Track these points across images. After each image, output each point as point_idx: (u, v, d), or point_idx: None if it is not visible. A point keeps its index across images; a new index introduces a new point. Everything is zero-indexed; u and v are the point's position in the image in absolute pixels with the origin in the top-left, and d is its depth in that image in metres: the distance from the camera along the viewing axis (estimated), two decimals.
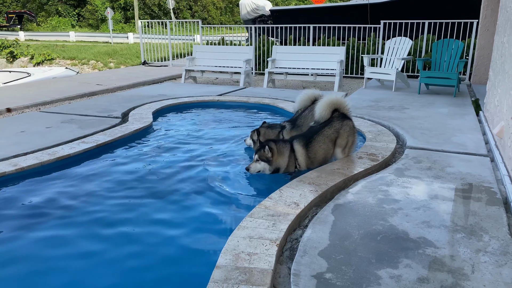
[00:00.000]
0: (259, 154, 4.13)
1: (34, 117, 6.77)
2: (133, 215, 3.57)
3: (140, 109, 7.19)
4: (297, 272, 2.47)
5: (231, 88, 9.52)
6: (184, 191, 4.05)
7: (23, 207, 3.74)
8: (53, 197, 3.93)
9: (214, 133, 6.10)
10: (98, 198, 3.91)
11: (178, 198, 3.93)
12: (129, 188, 4.14)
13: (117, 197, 3.94)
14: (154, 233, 3.28)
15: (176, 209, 3.73)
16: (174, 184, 4.24)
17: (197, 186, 4.17)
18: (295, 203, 3.39)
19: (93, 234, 3.29)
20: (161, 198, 3.92)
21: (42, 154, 4.74)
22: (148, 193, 4.02)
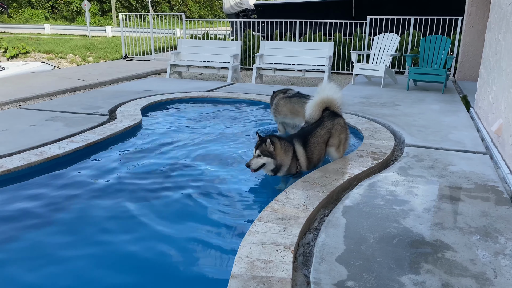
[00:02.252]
0: (260, 149, 3.84)
1: (15, 114, 6.44)
2: (130, 220, 3.39)
3: (128, 105, 6.94)
4: (317, 280, 2.36)
5: (219, 83, 9.34)
6: (181, 192, 3.89)
7: (12, 212, 3.51)
8: (43, 201, 3.71)
9: (207, 130, 5.93)
10: (92, 200, 3.71)
11: (175, 199, 3.77)
12: (123, 190, 3.95)
13: (112, 199, 3.75)
14: (153, 239, 3.12)
15: (174, 211, 3.57)
16: (170, 185, 4.07)
17: (195, 187, 4.02)
18: (303, 205, 3.28)
19: (88, 240, 3.10)
20: (157, 200, 3.75)
21: (29, 154, 4.48)
22: (144, 195, 3.84)
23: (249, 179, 4.22)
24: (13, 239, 3.11)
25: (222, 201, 3.73)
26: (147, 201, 3.72)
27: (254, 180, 4.21)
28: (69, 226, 3.31)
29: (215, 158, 4.81)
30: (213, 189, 3.97)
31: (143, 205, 3.63)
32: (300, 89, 6.76)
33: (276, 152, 3.85)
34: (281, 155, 3.89)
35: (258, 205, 3.67)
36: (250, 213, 3.51)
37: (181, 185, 4.04)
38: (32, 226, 3.31)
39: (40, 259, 2.87)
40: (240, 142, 5.42)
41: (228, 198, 3.78)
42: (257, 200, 3.80)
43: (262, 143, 3.85)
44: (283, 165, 3.93)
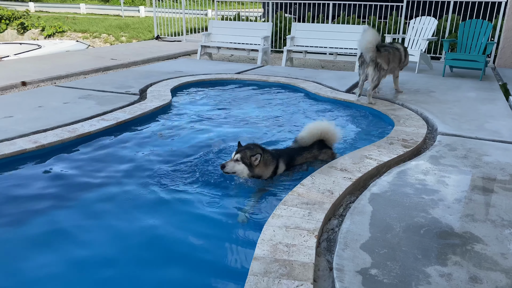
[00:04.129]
0: (241, 154, 3.57)
1: (50, 91, 6.63)
2: (155, 199, 3.44)
3: (158, 86, 7.01)
4: (340, 267, 2.34)
5: (248, 66, 9.28)
6: (206, 173, 3.91)
7: (45, 186, 3.64)
8: (74, 176, 3.82)
9: (234, 112, 5.93)
10: (121, 179, 3.79)
11: (202, 181, 3.79)
12: (151, 169, 4.00)
13: (139, 178, 3.81)
14: (177, 218, 3.16)
15: (201, 192, 3.59)
16: (196, 165, 4.10)
17: (215, 169, 4.01)
18: (329, 191, 3.24)
19: (113, 216, 3.18)
20: (182, 179, 3.78)
21: (62, 131, 4.61)
22: (171, 175, 3.88)
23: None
24: (45, 210, 3.22)
25: (246, 183, 3.72)
26: (173, 180, 3.76)
27: None
28: (98, 201, 3.40)
29: (242, 140, 4.79)
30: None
31: (169, 184, 3.67)
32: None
33: (257, 165, 3.59)
34: (261, 168, 3.64)
35: (282, 188, 3.65)
36: (274, 196, 3.50)
37: (207, 166, 4.06)
38: (64, 198, 3.42)
39: (72, 227, 2.98)
40: (266, 125, 5.39)
41: (252, 181, 3.77)
42: (281, 184, 3.77)
43: (246, 150, 3.60)
44: (261, 176, 3.69)
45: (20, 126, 4.72)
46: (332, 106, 6.24)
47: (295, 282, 2.21)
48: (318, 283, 2.33)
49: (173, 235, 2.94)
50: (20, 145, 4.16)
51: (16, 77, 7.52)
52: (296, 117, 5.79)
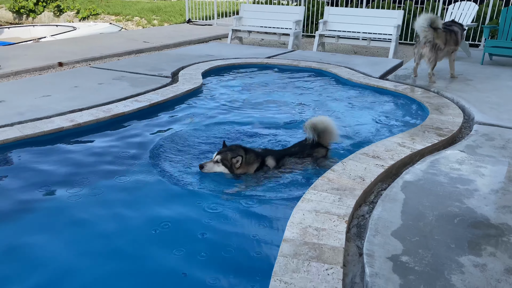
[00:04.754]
0: (222, 156, 3.47)
1: (85, 72, 6.79)
2: (189, 179, 3.50)
3: (189, 69, 7.06)
4: (370, 252, 2.32)
5: (279, 50, 9.20)
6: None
7: (80, 163, 3.75)
8: (108, 154, 3.92)
9: (264, 97, 5.92)
10: (151, 159, 3.84)
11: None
12: (183, 150, 4.07)
13: (172, 159, 3.87)
14: (207, 199, 3.20)
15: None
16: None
17: None
18: (360, 177, 3.21)
19: (152, 194, 3.26)
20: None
21: (97, 110, 4.73)
22: (200, 158, 3.92)
23: None
24: (84, 183, 3.34)
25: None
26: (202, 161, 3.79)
27: None
28: (130, 178, 3.48)
29: (271, 125, 4.80)
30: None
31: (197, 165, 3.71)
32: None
33: (239, 167, 3.48)
34: (243, 169, 3.52)
35: (312, 173, 3.64)
36: (303, 181, 3.50)
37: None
38: (100, 173, 3.54)
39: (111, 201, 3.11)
40: (297, 111, 5.37)
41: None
42: (311, 169, 3.75)
43: (227, 152, 3.49)
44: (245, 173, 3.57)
45: (57, 105, 4.87)
46: (364, 92, 6.13)
47: (324, 265, 2.22)
48: (347, 268, 2.33)
49: (203, 216, 2.98)
50: (58, 123, 4.30)
51: (53, 58, 7.73)
52: (326, 102, 5.73)
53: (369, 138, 4.43)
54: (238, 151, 3.51)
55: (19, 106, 4.81)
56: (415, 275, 2.15)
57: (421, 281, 2.11)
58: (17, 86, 5.89)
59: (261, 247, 2.66)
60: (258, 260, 2.54)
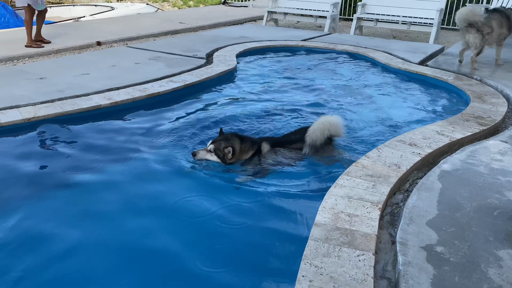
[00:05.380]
0: (215, 146, 3.33)
1: (122, 52, 6.91)
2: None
3: (224, 50, 7.05)
4: (403, 241, 2.28)
5: (315, 33, 9.03)
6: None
7: (115, 140, 3.84)
8: (143, 133, 4.00)
9: (299, 80, 5.84)
10: (186, 139, 3.89)
11: None
12: (216, 130, 4.08)
13: (204, 142, 3.88)
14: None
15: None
16: (257, 131, 4.12)
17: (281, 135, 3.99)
18: (395, 165, 3.13)
19: (176, 173, 3.30)
20: None
21: (134, 90, 4.82)
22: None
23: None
24: (118, 160, 3.43)
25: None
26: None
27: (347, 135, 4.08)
28: (161, 158, 3.53)
29: (304, 109, 4.75)
30: None
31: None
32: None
33: (232, 157, 3.34)
34: (237, 157, 3.39)
35: (345, 159, 3.58)
36: (335, 166, 3.45)
37: (267, 132, 4.07)
38: (133, 151, 3.63)
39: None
40: (332, 95, 5.28)
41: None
42: (345, 155, 3.70)
43: (221, 142, 3.35)
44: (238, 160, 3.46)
45: (95, 83, 4.99)
46: (403, 78, 5.95)
47: (356, 252, 2.19)
48: (379, 255, 2.30)
49: (236, 196, 3.00)
50: (96, 101, 4.42)
51: (91, 37, 7.90)
52: (362, 87, 5.60)
53: (406, 125, 4.31)
54: (232, 141, 3.35)
55: (59, 83, 4.96)
56: (450, 266, 2.09)
57: (456, 272, 2.06)
58: (58, 64, 6.07)
59: (291, 230, 2.66)
60: (288, 243, 2.55)
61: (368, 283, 1.99)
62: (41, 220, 2.67)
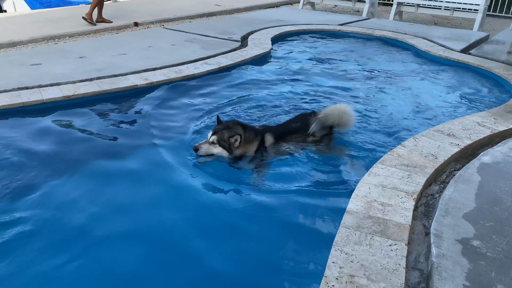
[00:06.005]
0: (218, 136, 3.06)
1: (159, 33, 6.98)
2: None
3: (259, 33, 7.00)
4: (438, 233, 2.22)
5: (352, 18, 8.82)
6: None
7: (151, 119, 3.90)
8: (177, 114, 4.04)
9: (334, 65, 5.74)
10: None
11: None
12: (250, 114, 4.09)
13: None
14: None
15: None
16: (290, 116, 4.08)
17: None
18: (432, 155, 3.04)
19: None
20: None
21: (169, 71, 4.87)
22: (268, 120, 3.93)
23: (373, 121, 4.02)
24: (152, 138, 3.49)
25: (342, 138, 3.63)
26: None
27: (379, 123, 4.00)
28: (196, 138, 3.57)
29: (339, 95, 4.67)
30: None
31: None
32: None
33: (238, 146, 3.08)
34: (243, 148, 3.13)
35: (380, 148, 3.51)
36: (370, 154, 3.39)
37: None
38: (168, 130, 3.69)
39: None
40: (367, 81, 5.16)
41: (347, 136, 3.67)
42: (379, 143, 3.62)
43: (223, 131, 3.08)
44: (244, 154, 3.19)
45: (132, 63, 5.08)
46: (443, 67, 5.74)
47: (388, 241, 2.16)
48: (411, 246, 2.26)
49: (268, 186, 3.01)
50: (133, 80, 4.50)
51: (129, 17, 8.01)
52: (400, 75, 5.43)
53: (445, 115, 4.18)
54: (236, 129, 3.10)
55: (98, 63, 5.07)
56: (486, 261, 2.03)
57: (493, 267, 1.99)
58: (96, 43, 6.21)
59: (322, 216, 2.65)
60: (319, 229, 2.54)
61: (399, 273, 1.96)
62: (71, 193, 2.77)
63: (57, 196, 2.73)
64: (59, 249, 2.31)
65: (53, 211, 2.59)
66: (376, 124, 3.96)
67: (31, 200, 2.67)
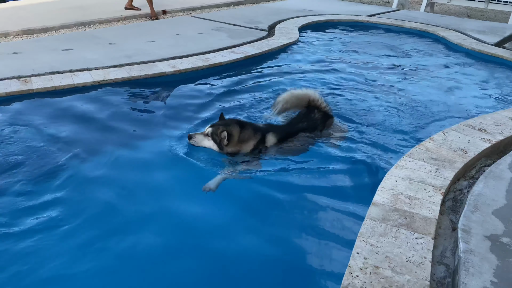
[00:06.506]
0: (213, 130, 3.08)
1: (186, 21, 7.02)
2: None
3: (286, 23, 6.95)
4: (466, 228, 2.18)
5: (382, 8, 8.64)
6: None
7: (177, 106, 3.95)
8: (202, 102, 4.07)
9: (361, 57, 5.65)
10: (243, 109, 3.93)
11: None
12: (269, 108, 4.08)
13: (261, 115, 3.89)
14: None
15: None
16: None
17: (341, 114, 3.90)
18: (462, 150, 2.98)
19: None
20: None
21: (196, 59, 4.90)
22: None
23: (401, 113, 3.95)
24: (180, 126, 3.54)
25: (368, 131, 3.58)
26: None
27: (407, 116, 3.93)
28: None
29: (366, 87, 4.60)
30: (360, 118, 3.82)
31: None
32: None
33: (226, 144, 3.06)
34: (234, 146, 3.10)
35: (407, 141, 3.46)
36: (397, 147, 3.34)
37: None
38: (193, 117, 3.73)
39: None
40: (396, 74, 5.06)
41: (375, 129, 3.63)
42: (407, 136, 3.56)
43: (220, 126, 3.09)
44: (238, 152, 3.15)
45: (160, 51, 5.13)
46: (475, 60, 5.58)
47: (414, 234, 2.14)
48: (437, 240, 2.23)
49: (293, 177, 3.00)
50: (161, 68, 4.55)
51: (158, 5, 8.04)
52: (431, 68, 5.30)
53: (476, 109, 4.07)
54: (231, 127, 3.08)
55: (127, 49, 5.15)
56: None
57: None
58: (126, 30, 6.30)
59: (347, 208, 2.64)
60: (344, 220, 2.53)
61: (425, 266, 1.94)
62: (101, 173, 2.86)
63: (82, 176, 2.82)
64: (91, 228, 2.39)
65: (80, 192, 2.67)
66: (404, 117, 3.89)
67: (60, 180, 2.77)
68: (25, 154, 3.01)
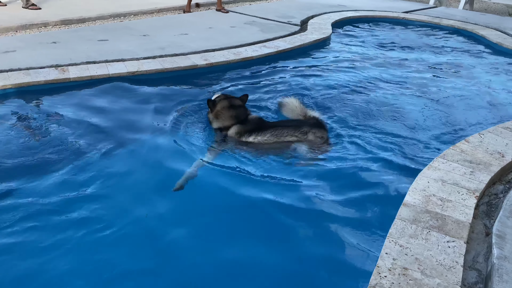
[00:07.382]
0: (217, 96, 3.38)
1: (219, 15, 7.04)
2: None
3: (319, 18, 6.88)
4: (501, 234, 2.12)
5: (419, 5, 8.43)
6: (355, 112, 3.78)
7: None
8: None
9: (395, 55, 5.53)
10: (274, 104, 3.92)
11: (350, 116, 3.69)
12: (305, 100, 4.05)
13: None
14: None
15: (353, 131, 3.53)
16: (347, 104, 4.00)
17: (375, 111, 3.84)
18: (499, 153, 2.88)
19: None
20: (335, 117, 3.72)
21: (228, 53, 4.92)
22: (323, 107, 3.88)
23: (437, 114, 3.85)
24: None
25: (401, 131, 3.51)
26: (325, 112, 3.74)
27: (442, 116, 3.82)
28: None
29: (400, 85, 4.50)
30: (392, 116, 3.75)
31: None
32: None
33: (209, 113, 3.26)
34: (213, 118, 3.24)
35: (442, 142, 3.37)
36: (431, 148, 3.26)
37: (356, 106, 3.93)
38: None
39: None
40: (432, 73, 4.93)
41: (407, 129, 3.55)
42: (441, 137, 3.47)
43: (223, 94, 3.37)
44: (215, 129, 3.25)
45: (193, 44, 5.18)
46: None
47: (446, 237, 2.09)
48: (470, 245, 2.17)
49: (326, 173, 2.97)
50: (193, 60, 4.59)
51: None
52: (469, 67, 5.14)
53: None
54: (221, 99, 3.26)
55: (160, 41, 5.22)
56: None
57: None
58: (159, 22, 6.38)
59: (376, 207, 2.60)
60: (372, 219, 2.50)
61: (456, 271, 1.89)
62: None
63: (113, 165, 2.88)
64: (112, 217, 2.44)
65: (108, 180, 2.73)
66: (439, 117, 3.80)
67: (90, 167, 2.83)
68: (59, 140, 3.09)
